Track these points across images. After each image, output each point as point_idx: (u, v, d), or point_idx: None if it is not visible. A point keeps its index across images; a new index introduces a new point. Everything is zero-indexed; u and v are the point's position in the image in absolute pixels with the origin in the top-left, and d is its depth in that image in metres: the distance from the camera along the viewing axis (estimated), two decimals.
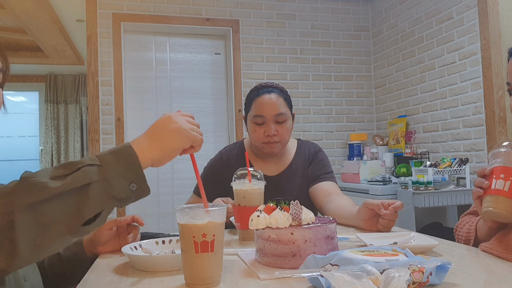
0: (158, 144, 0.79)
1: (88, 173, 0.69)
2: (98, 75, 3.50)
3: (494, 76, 2.85)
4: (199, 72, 3.88)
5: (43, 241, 0.65)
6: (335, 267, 0.71)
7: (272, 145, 1.60)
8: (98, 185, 0.69)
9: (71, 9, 3.91)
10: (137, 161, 0.74)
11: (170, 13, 3.70)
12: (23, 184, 0.66)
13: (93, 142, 3.46)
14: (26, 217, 0.64)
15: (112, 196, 0.70)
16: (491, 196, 0.92)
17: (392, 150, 3.85)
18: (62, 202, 0.66)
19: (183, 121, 0.82)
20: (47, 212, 0.65)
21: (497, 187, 0.91)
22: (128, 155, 0.74)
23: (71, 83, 6.45)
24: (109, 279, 0.88)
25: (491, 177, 0.94)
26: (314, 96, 4.06)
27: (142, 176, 0.74)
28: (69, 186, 0.67)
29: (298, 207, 0.93)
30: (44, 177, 0.67)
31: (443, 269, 0.73)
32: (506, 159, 0.93)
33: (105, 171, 0.70)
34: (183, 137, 0.80)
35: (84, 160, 0.71)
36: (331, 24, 4.15)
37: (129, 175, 0.72)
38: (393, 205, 1.21)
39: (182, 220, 0.78)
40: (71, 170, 0.69)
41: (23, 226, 0.63)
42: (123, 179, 0.72)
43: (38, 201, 0.65)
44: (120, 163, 0.72)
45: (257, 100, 1.61)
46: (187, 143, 0.82)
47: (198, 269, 0.78)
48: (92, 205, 0.68)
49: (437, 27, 3.38)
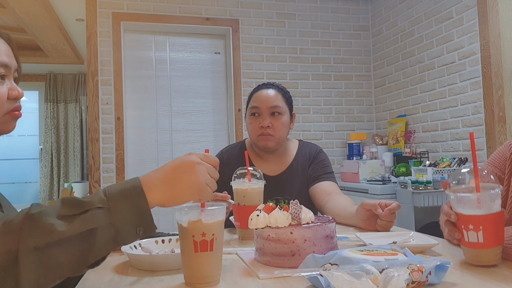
0: (170, 191, 0.75)
1: (97, 217, 0.68)
2: (98, 74, 3.50)
3: (494, 76, 2.85)
4: (199, 72, 3.88)
5: (46, 281, 0.66)
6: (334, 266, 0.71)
7: (266, 137, 1.61)
8: (105, 230, 0.68)
9: (71, 8, 3.90)
10: (147, 207, 0.72)
11: (170, 13, 3.70)
12: (31, 222, 0.65)
13: (92, 141, 3.46)
14: (31, 258, 0.64)
15: (118, 242, 0.70)
16: (470, 250, 0.85)
17: (391, 150, 3.85)
18: (69, 247, 0.66)
19: (203, 174, 0.77)
20: (53, 256, 0.65)
21: (471, 240, 0.83)
22: (139, 201, 0.72)
23: (71, 82, 6.45)
24: (109, 278, 0.88)
25: (460, 226, 0.86)
26: (314, 95, 4.06)
27: (150, 220, 0.73)
28: (76, 231, 0.66)
29: (298, 206, 0.93)
30: (51, 216, 0.66)
31: (442, 268, 0.74)
32: (467, 203, 0.84)
33: (113, 216, 0.69)
34: (196, 193, 0.77)
35: (93, 201, 0.69)
36: (330, 24, 4.15)
37: (137, 220, 0.71)
38: (389, 207, 1.21)
39: (182, 219, 0.79)
40: (79, 210, 0.68)
41: (28, 267, 0.63)
42: (131, 225, 0.71)
43: (45, 244, 0.65)
44: (129, 209, 0.71)
45: (256, 94, 1.67)
46: (196, 199, 0.79)
47: (198, 268, 0.78)
48: (98, 251, 0.69)
49: (436, 27, 3.38)
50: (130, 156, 3.65)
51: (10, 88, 0.87)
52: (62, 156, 6.27)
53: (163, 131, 3.76)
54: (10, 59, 0.88)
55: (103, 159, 3.47)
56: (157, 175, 0.76)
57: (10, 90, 0.86)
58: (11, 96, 0.86)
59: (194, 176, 0.76)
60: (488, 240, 0.81)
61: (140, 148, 3.69)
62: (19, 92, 0.88)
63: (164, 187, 0.75)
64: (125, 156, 3.54)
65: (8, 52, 0.89)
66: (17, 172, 6.51)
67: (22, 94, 0.89)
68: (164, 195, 0.75)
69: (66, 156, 6.31)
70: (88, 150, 3.63)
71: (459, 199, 0.85)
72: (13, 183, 6.43)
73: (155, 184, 0.74)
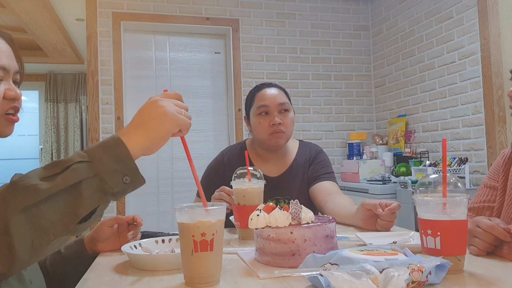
0: (146, 132, 0.76)
1: (78, 171, 0.68)
2: (98, 74, 3.50)
3: (494, 76, 2.85)
4: (199, 71, 3.88)
5: (41, 243, 0.65)
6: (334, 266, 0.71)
7: (278, 134, 1.60)
8: (90, 182, 0.68)
9: (71, 8, 3.90)
10: (127, 153, 0.72)
11: (170, 12, 3.70)
12: (13, 188, 0.65)
13: (93, 141, 3.46)
14: (20, 221, 0.63)
15: (106, 191, 0.70)
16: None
17: (391, 150, 3.85)
18: (56, 203, 0.66)
19: (169, 105, 0.78)
20: (42, 214, 0.64)
21: (429, 246, 0.81)
22: (118, 147, 0.72)
23: (71, 82, 6.45)
24: (109, 278, 0.88)
25: (420, 231, 0.84)
26: (314, 95, 4.06)
27: (134, 168, 0.72)
28: (60, 186, 0.66)
29: (298, 206, 0.93)
30: (34, 179, 0.66)
31: (442, 268, 0.74)
32: (428, 207, 0.81)
33: (95, 166, 0.69)
34: (170, 122, 0.77)
35: (73, 158, 0.69)
36: (331, 24, 4.15)
37: (121, 169, 0.71)
38: (389, 206, 1.21)
39: (182, 219, 0.79)
40: (60, 169, 0.68)
41: (19, 230, 0.63)
42: (116, 173, 0.70)
43: (31, 204, 0.64)
44: (110, 157, 0.71)
45: (259, 93, 1.65)
46: (175, 128, 0.78)
47: (198, 268, 0.78)
48: (86, 203, 0.68)
49: (436, 27, 3.38)
50: None
51: (7, 88, 0.86)
52: (62, 156, 6.27)
53: None
54: (10, 60, 0.87)
55: None
56: (129, 127, 0.77)
57: (7, 90, 0.85)
58: (8, 96, 0.85)
59: (160, 108, 0.77)
60: (445, 247, 0.79)
61: None
62: (16, 92, 0.86)
63: (138, 130, 0.76)
64: None
65: (8, 54, 0.88)
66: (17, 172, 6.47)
67: (19, 95, 0.88)
68: (142, 137, 0.75)
69: (66, 156, 6.27)
70: None
71: (421, 202, 0.83)
72: None
73: (129, 131, 0.76)
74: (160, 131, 0.77)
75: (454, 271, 0.79)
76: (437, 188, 0.83)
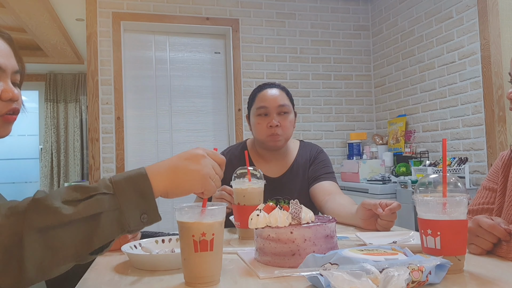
0: (174, 180, 0.76)
1: (102, 202, 0.68)
2: (98, 74, 3.50)
3: (494, 76, 2.85)
4: (199, 71, 3.88)
5: (50, 265, 0.66)
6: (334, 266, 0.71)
7: (275, 137, 1.61)
8: (110, 215, 0.69)
9: (71, 8, 3.90)
10: (151, 193, 0.73)
11: (170, 12, 3.70)
12: (35, 205, 0.66)
13: (93, 141, 3.46)
14: (35, 239, 0.64)
15: (123, 227, 0.70)
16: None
17: (391, 150, 3.85)
18: (73, 230, 0.66)
19: (207, 166, 0.79)
20: (57, 237, 0.65)
21: (429, 246, 0.82)
22: (143, 185, 0.72)
23: (71, 82, 6.45)
24: (109, 278, 0.88)
25: (420, 231, 0.85)
26: (314, 95, 4.06)
27: (154, 207, 0.73)
28: (81, 214, 0.67)
29: (298, 206, 0.93)
30: (57, 200, 0.67)
31: (442, 268, 0.74)
32: (428, 207, 0.81)
33: (118, 200, 0.70)
34: (198, 183, 0.78)
35: (99, 187, 0.70)
36: (331, 24, 4.15)
37: (141, 206, 0.72)
38: (390, 206, 1.21)
39: (182, 219, 0.79)
40: (84, 195, 0.68)
41: (31, 248, 0.64)
42: (136, 210, 0.71)
43: (49, 225, 0.65)
44: (133, 194, 0.71)
45: (260, 94, 1.65)
46: (200, 190, 0.79)
47: (198, 268, 0.78)
48: (102, 235, 0.68)
49: (436, 27, 3.38)
50: (130, 156, 3.65)
51: (4, 89, 0.85)
52: (62, 156, 6.27)
53: (163, 131, 3.76)
54: (7, 60, 0.86)
55: (103, 159, 3.47)
56: (163, 164, 0.78)
57: (4, 92, 0.84)
58: (5, 97, 0.84)
59: (198, 167, 0.78)
60: (445, 247, 0.79)
61: (140, 148, 3.69)
62: (13, 93, 0.85)
63: (168, 174, 0.76)
64: (125, 156, 3.54)
65: (5, 53, 0.87)
66: (17, 172, 6.51)
67: (17, 95, 0.86)
68: (168, 183, 0.76)
69: (66, 156, 6.31)
70: (88, 150, 3.63)
71: (421, 202, 0.83)
72: (13, 183, 6.43)
73: (160, 171, 0.76)
74: (185, 186, 0.78)
75: (454, 271, 0.79)
76: (437, 188, 0.83)
